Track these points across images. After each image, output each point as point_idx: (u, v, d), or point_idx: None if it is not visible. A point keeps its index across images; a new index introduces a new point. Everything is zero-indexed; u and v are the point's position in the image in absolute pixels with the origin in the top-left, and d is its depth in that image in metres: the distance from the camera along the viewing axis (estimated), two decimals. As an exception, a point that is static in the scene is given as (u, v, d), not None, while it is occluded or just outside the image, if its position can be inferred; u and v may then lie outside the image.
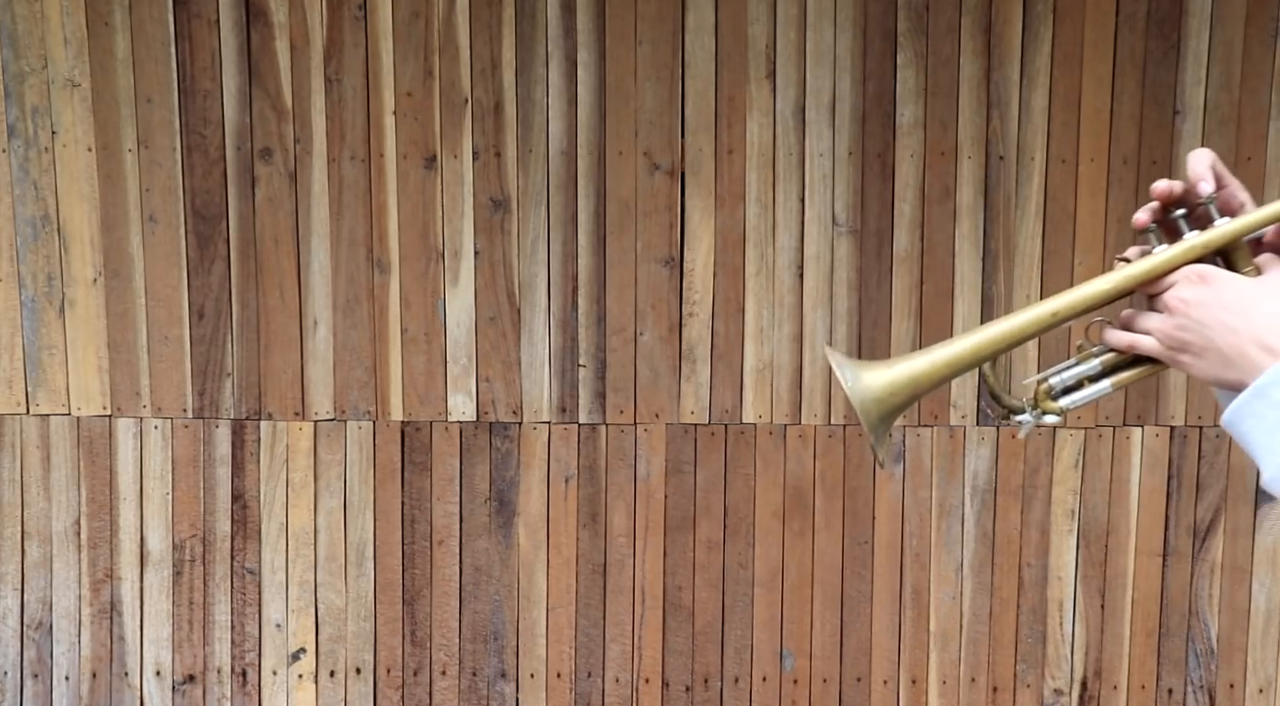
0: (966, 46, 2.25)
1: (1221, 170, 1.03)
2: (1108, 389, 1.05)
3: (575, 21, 2.26)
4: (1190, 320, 0.98)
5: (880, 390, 1.03)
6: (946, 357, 1.04)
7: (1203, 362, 0.96)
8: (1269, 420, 0.92)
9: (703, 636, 2.36)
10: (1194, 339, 0.97)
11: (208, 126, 2.28)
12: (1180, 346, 0.98)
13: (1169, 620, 2.34)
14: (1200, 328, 0.97)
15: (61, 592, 2.37)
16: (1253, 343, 0.94)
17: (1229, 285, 0.97)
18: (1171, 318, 0.99)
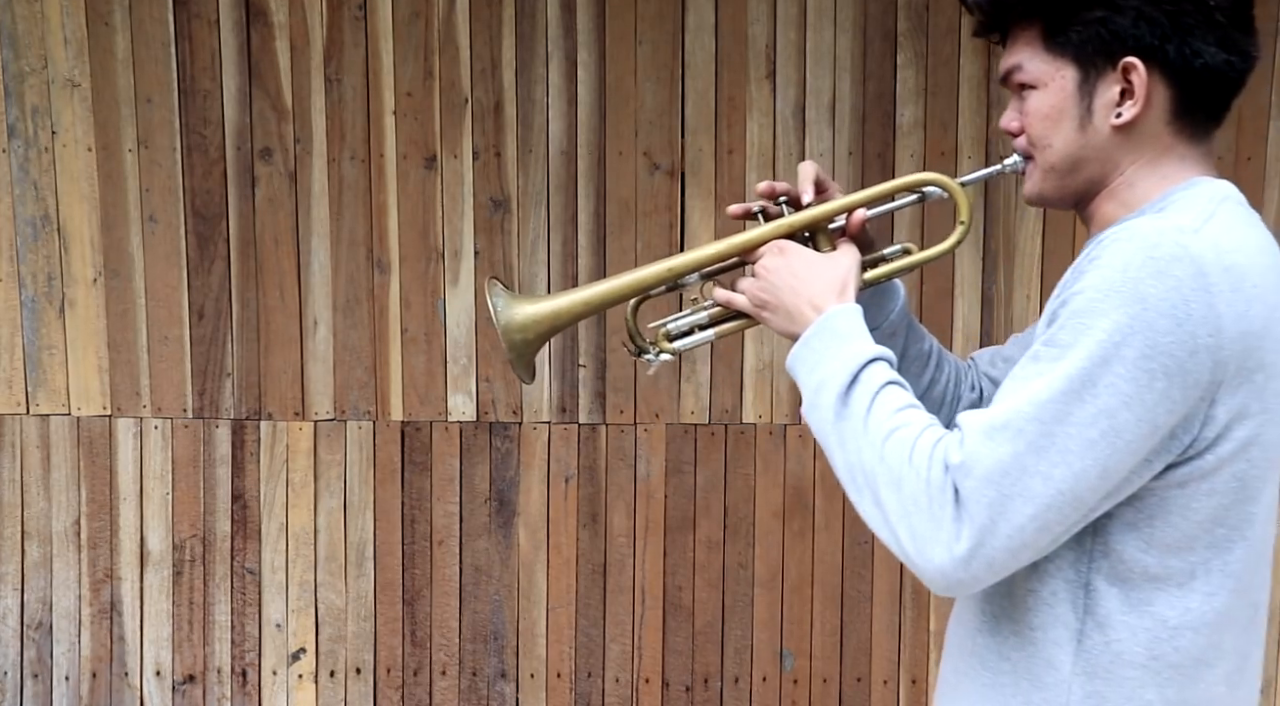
0: (966, 46, 2.25)
1: (823, 177, 1.27)
2: (712, 336, 1.29)
3: (575, 21, 2.26)
4: (768, 283, 1.19)
5: (524, 318, 1.26)
6: (582, 298, 1.27)
7: (777, 318, 1.18)
8: (808, 363, 1.13)
9: (703, 636, 2.37)
10: (770, 298, 1.18)
11: (208, 126, 2.28)
12: (762, 304, 1.19)
13: (1169, 620, 2.34)
14: (774, 289, 1.18)
15: (61, 592, 2.37)
16: (808, 303, 1.16)
17: (800, 256, 1.19)
18: (757, 280, 1.20)
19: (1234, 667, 1.10)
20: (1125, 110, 1.10)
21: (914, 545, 1.01)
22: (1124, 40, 1.08)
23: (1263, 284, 1.01)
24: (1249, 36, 1.13)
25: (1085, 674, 1.07)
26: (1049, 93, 1.13)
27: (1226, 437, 1.01)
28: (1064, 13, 1.10)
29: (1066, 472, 0.98)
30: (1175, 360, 0.97)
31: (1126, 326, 0.97)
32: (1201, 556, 1.05)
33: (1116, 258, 1.00)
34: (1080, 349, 0.98)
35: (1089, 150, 1.13)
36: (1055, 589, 1.08)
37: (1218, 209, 1.05)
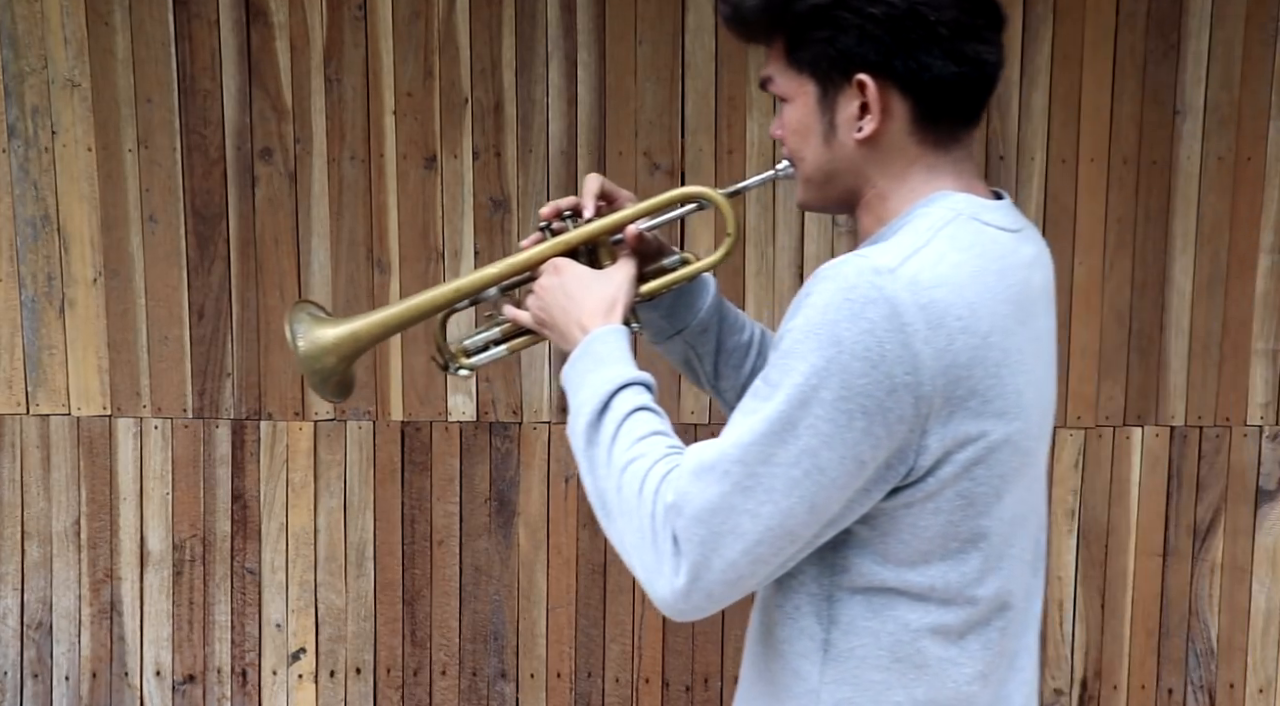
0: (966, 46, 2.25)
1: (611, 189, 1.31)
2: (504, 352, 1.33)
3: (575, 21, 2.26)
4: (544, 302, 1.23)
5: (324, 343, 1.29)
6: (379, 320, 1.31)
7: (555, 335, 1.22)
8: (572, 385, 1.17)
9: (703, 636, 2.36)
10: (546, 317, 1.22)
11: (208, 126, 2.28)
12: (540, 323, 1.24)
13: (1169, 620, 2.34)
14: (548, 308, 1.22)
15: (61, 592, 2.37)
16: (575, 323, 1.20)
17: (572, 274, 1.22)
18: (536, 299, 1.24)
19: (989, 668, 1.13)
20: (865, 125, 1.12)
21: (644, 575, 1.06)
22: (852, 58, 1.10)
23: (969, 314, 1.02)
24: (982, 44, 1.14)
25: (834, 681, 1.11)
26: (796, 107, 1.16)
27: (946, 462, 1.04)
28: (798, 32, 1.13)
29: (774, 510, 1.01)
30: (873, 400, 0.99)
31: (823, 369, 0.99)
32: (938, 569, 1.08)
33: (819, 298, 1.02)
34: (782, 391, 1.01)
35: (838, 163, 1.15)
36: (799, 603, 1.12)
37: (935, 236, 1.06)
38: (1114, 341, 2.29)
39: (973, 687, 1.13)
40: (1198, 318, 2.29)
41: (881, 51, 1.10)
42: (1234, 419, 2.31)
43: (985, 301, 1.05)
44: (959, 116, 1.15)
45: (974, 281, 1.05)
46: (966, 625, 1.11)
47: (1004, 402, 1.06)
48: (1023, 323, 1.10)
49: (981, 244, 1.08)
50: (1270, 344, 2.29)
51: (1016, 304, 1.09)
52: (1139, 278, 2.28)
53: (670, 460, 1.08)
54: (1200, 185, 2.26)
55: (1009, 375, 1.06)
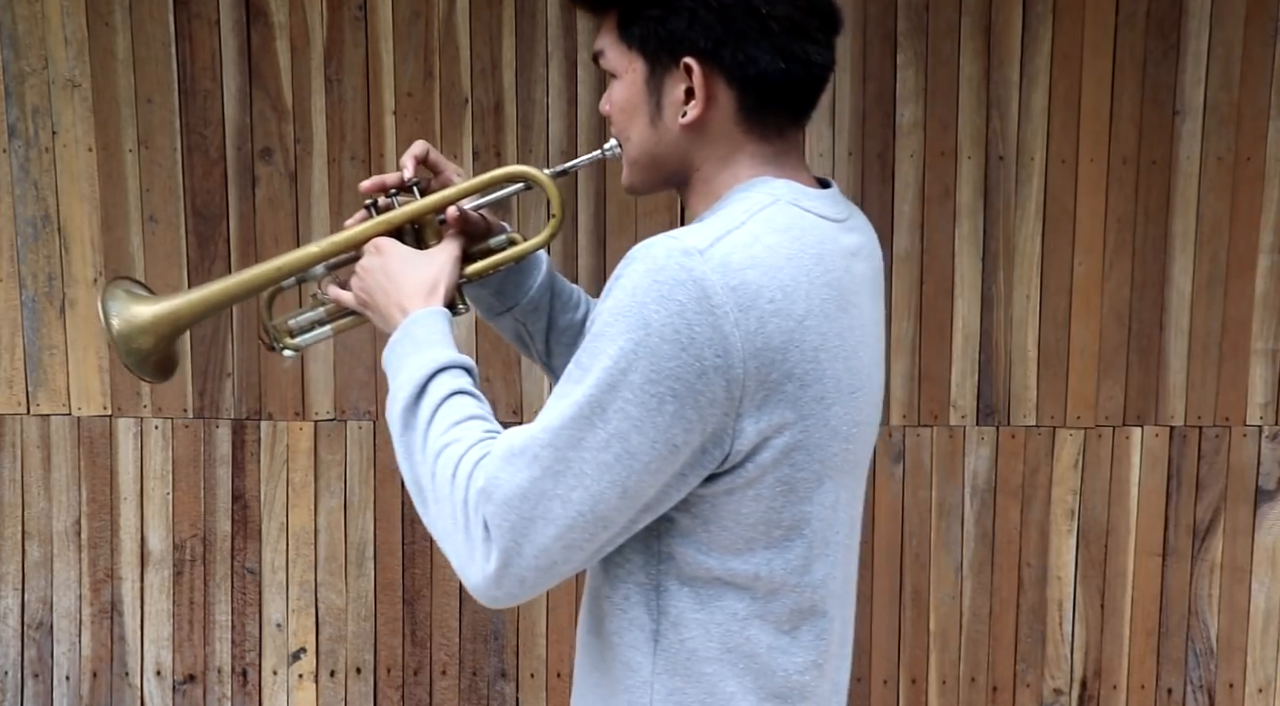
0: (966, 47, 2.26)
1: (436, 159, 1.27)
2: (329, 333, 1.30)
3: (575, 21, 2.26)
4: (366, 283, 1.20)
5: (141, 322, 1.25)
6: (199, 297, 1.26)
7: (376, 317, 1.20)
8: (391, 368, 1.15)
9: (703, 636, 2.36)
10: (367, 298, 1.20)
11: (208, 126, 2.28)
12: (363, 304, 1.21)
13: (1168, 620, 2.34)
14: (370, 290, 1.20)
15: (62, 592, 2.37)
16: (396, 305, 1.18)
17: (395, 255, 1.20)
18: (358, 280, 1.21)
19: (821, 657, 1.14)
20: (690, 110, 1.11)
21: (457, 562, 1.04)
22: (681, 41, 1.09)
23: (782, 297, 1.01)
24: (813, 45, 1.12)
25: (666, 672, 1.10)
26: (625, 84, 1.14)
27: (765, 447, 1.03)
28: (631, 7, 1.11)
29: (585, 495, 1.00)
30: (684, 383, 0.98)
31: (632, 352, 0.98)
32: (762, 557, 1.08)
33: (628, 280, 1.00)
34: (592, 374, 0.99)
35: (663, 146, 1.14)
36: (628, 594, 1.11)
37: (751, 218, 1.05)
38: (1114, 341, 2.29)
39: (805, 677, 1.12)
40: (1197, 318, 2.29)
41: (711, 38, 1.09)
42: (1233, 419, 2.31)
43: (801, 285, 1.03)
44: (785, 111, 1.14)
45: (789, 264, 1.03)
46: (796, 614, 1.11)
47: (823, 388, 1.05)
48: (844, 309, 1.09)
49: (800, 228, 1.07)
50: (1270, 344, 2.29)
51: (837, 289, 1.08)
52: (1139, 277, 2.28)
53: (484, 445, 1.06)
54: (1200, 185, 2.27)
55: (828, 360, 1.05)
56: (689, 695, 1.10)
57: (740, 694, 1.10)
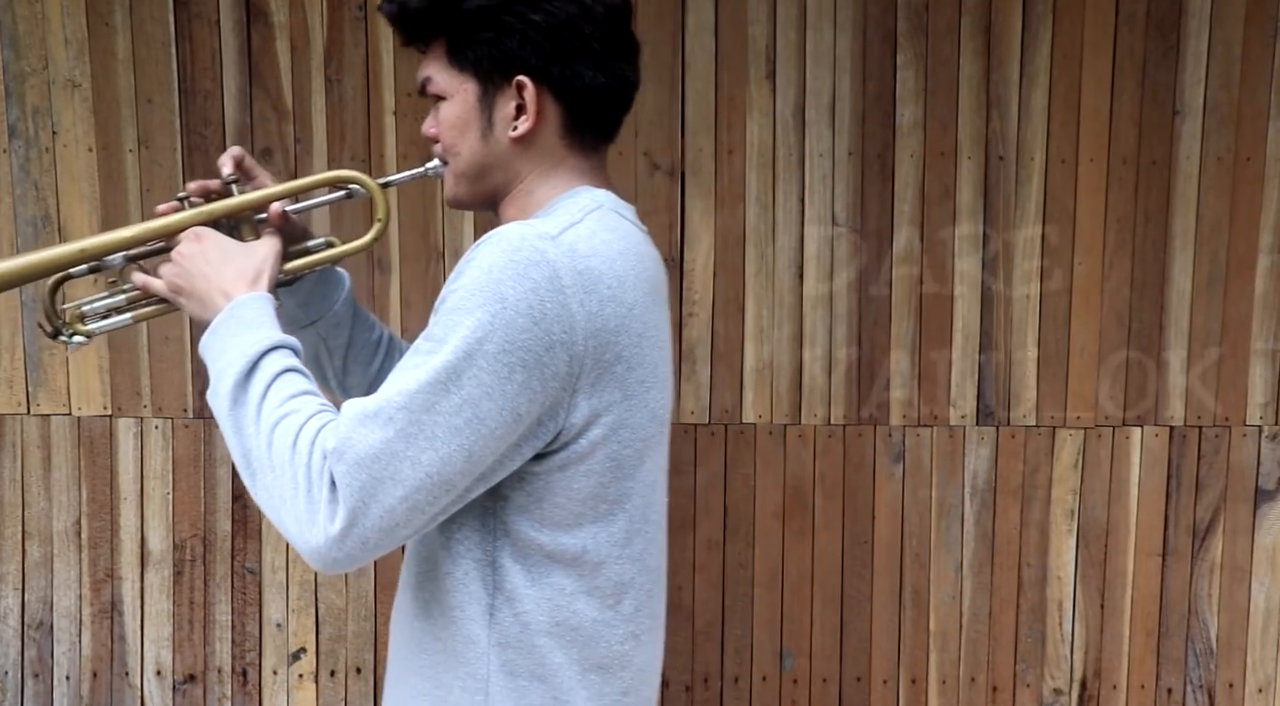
0: (966, 47, 2.26)
1: (251, 165, 1.33)
2: (129, 320, 1.30)
3: (575, 22, 2.26)
4: (183, 269, 1.22)
5: None
6: None
7: (192, 304, 1.22)
8: (215, 350, 1.17)
9: (703, 636, 2.37)
10: (185, 284, 1.22)
11: (208, 126, 2.28)
12: (178, 290, 1.22)
13: (1168, 620, 2.34)
14: (189, 275, 1.21)
15: (62, 592, 2.37)
16: (219, 290, 1.20)
17: (215, 243, 1.23)
18: (173, 266, 1.23)
19: (640, 629, 1.23)
20: (520, 124, 1.22)
21: (296, 526, 1.08)
22: (514, 60, 1.20)
23: (617, 285, 1.13)
24: (626, 63, 1.28)
25: (500, 644, 1.18)
26: (455, 104, 1.23)
27: (596, 423, 1.13)
28: (463, 32, 1.21)
29: (434, 457, 1.06)
30: (533, 354, 1.07)
31: (489, 323, 1.06)
32: (589, 531, 1.17)
33: (484, 259, 1.09)
34: (449, 344, 1.07)
35: (492, 159, 1.24)
36: (467, 569, 1.18)
37: (586, 216, 1.17)
38: (1114, 341, 2.30)
39: (625, 647, 1.22)
40: (1197, 317, 2.29)
41: (541, 57, 1.20)
42: (1233, 419, 2.31)
43: (630, 278, 1.15)
44: (601, 127, 1.28)
45: (620, 259, 1.15)
46: (619, 587, 1.20)
47: (644, 371, 1.17)
48: (657, 305, 1.22)
49: (623, 230, 1.20)
50: (1270, 344, 2.30)
51: (651, 286, 1.20)
52: (1138, 277, 2.28)
53: (325, 415, 1.12)
54: (1200, 185, 2.27)
55: (649, 347, 1.17)
56: (520, 666, 1.18)
57: (567, 664, 1.18)
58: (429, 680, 1.21)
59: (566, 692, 1.19)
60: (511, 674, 1.18)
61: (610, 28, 1.24)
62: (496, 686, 1.18)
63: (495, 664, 1.18)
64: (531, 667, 1.18)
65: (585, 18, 1.21)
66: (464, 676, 1.18)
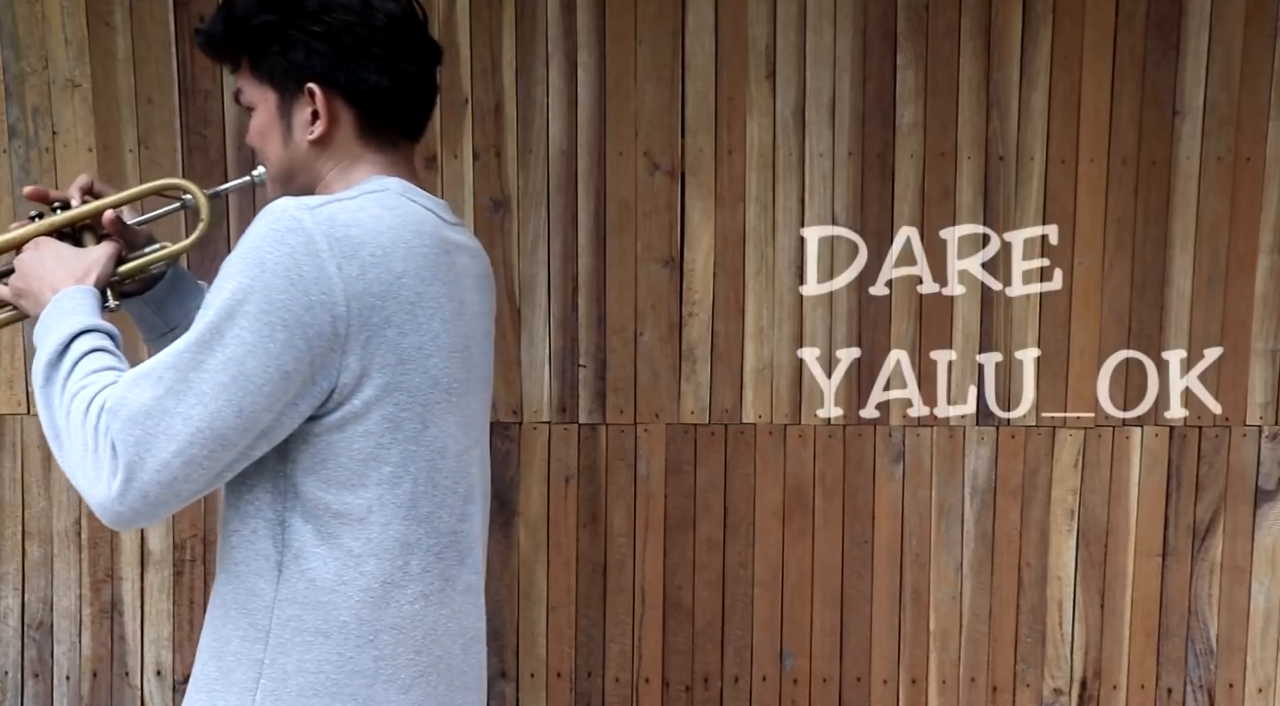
0: (966, 47, 2.26)
1: (100, 188, 1.46)
2: None
3: (575, 21, 2.26)
4: (22, 274, 1.36)
5: None
6: None
7: (28, 303, 1.36)
8: (38, 336, 1.30)
9: (703, 636, 2.37)
10: (24, 287, 1.36)
11: (208, 126, 2.28)
12: (19, 293, 1.37)
13: (1168, 620, 2.34)
14: (27, 278, 1.35)
15: (62, 592, 2.37)
16: (49, 287, 1.33)
17: (52, 249, 1.37)
18: (16, 273, 1.37)
19: (430, 589, 1.30)
20: (316, 128, 1.32)
21: (87, 484, 1.17)
22: (302, 69, 1.31)
23: (381, 254, 1.21)
24: (412, 64, 1.35)
25: (286, 600, 1.24)
26: (261, 114, 1.35)
27: (367, 384, 1.21)
28: (257, 48, 1.32)
29: (203, 413, 1.15)
30: (293, 314, 1.16)
31: (248, 286, 1.16)
32: (375, 493, 1.24)
33: (253, 230, 1.20)
34: (213, 308, 1.17)
35: (295, 162, 1.35)
36: (256, 528, 1.25)
37: (361, 195, 1.26)
38: (1114, 341, 2.30)
39: (415, 607, 1.29)
40: (1197, 317, 2.29)
41: (326, 64, 1.31)
42: (1233, 419, 2.31)
43: (399, 249, 1.23)
44: (399, 126, 1.37)
45: (390, 232, 1.23)
46: (405, 548, 1.27)
47: (420, 338, 1.24)
48: (444, 281, 1.28)
49: (403, 209, 1.28)
50: (1270, 344, 2.30)
51: (434, 263, 1.27)
52: (1138, 277, 2.28)
53: (117, 387, 1.20)
54: (1200, 185, 2.27)
55: (425, 317, 1.24)
56: (307, 623, 1.24)
57: (354, 623, 1.25)
58: (210, 633, 1.29)
59: (353, 650, 1.25)
60: (297, 629, 1.24)
61: (392, 33, 1.33)
62: (277, 639, 1.24)
63: (280, 618, 1.24)
64: (318, 624, 1.24)
65: (364, 25, 1.31)
66: (244, 627, 1.25)
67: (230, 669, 1.25)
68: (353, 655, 1.25)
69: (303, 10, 1.30)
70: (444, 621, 1.32)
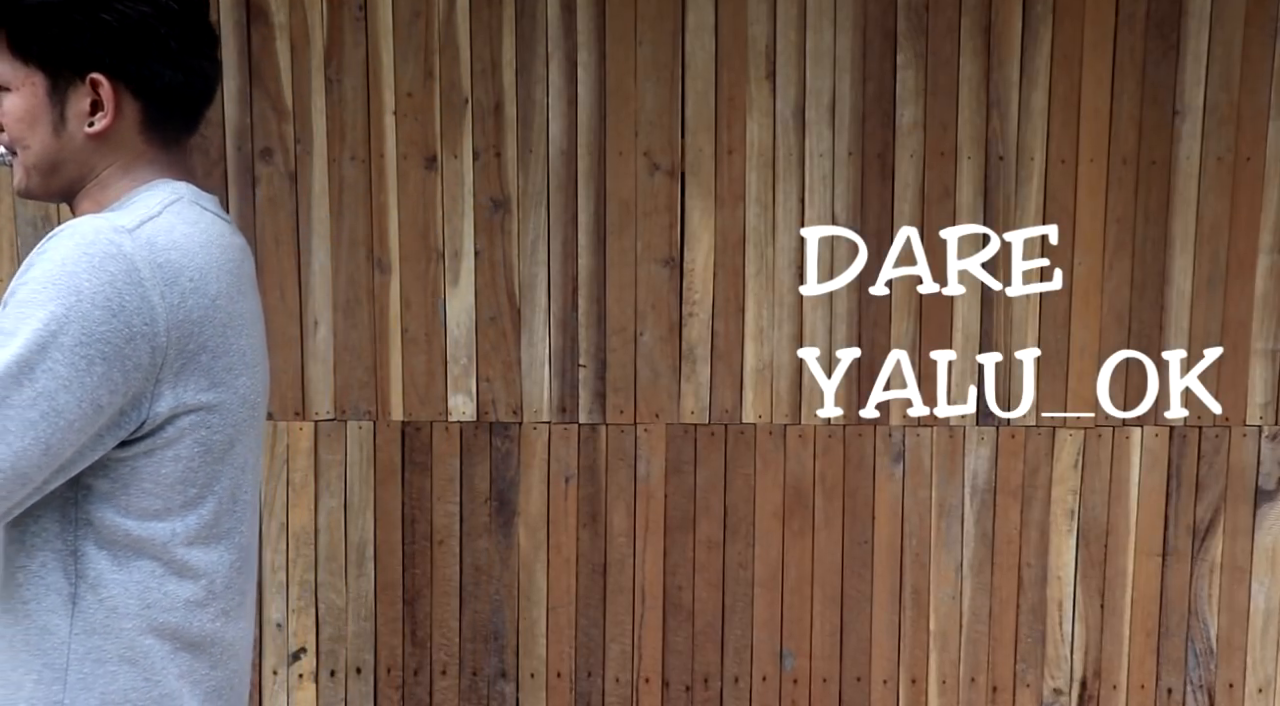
0: (966, 46, 2.26)
1: None
2: None
3: (575, 21, 2.26)
4: None
5: None
6: None
7: None
8: None
9: (703, 636, 2.37)
10: None
11: (208, 126, 2.28)
12: None
13: (1168, 620, 2.34)
14: None
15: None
16: None
17: None
18: None
19: (230, 605, 1.27)
20: (97, 121, 1.22)
21: None
22: (85, 58, 1.20)
23: (199, 278, 1.16)
24: (204, 58, 1.29)
25: (84, 632, 1.17)
26: (23, 97, 1.21)
27: (181, 411, 1.15)
28: (25, 26, 1.19)
29: (7, 451, 1.05)
30: (113, 346, 1.08)
31: (63, 316, 1.06)
32: (178, 515, 1.19)
33: (57, 252, 1.09)
34: (20, 338, 1.06)
35: (65, 153, 1.23)
36: (45, 561, 1.16)
37: (164, 210, 1.18)
38: (1114, 341, 2.30)
39: (216, 624, 1.25)
40: (1197, 317, 2.29)
41: (115, 56, 1.20)
42: (1233, 419, 2.31)
43: (213, 269, 1.18)
44: (182, 121, 1.28)
45: (202, 251, 1.18)
46: (209, 566, 1.23)
47: (231, 360, 1.20)
48: (242, 294, 1.25)
49: (204, 223, 1.22)
50: (1270, 344, 2.30)
51: (235, 277, 1.23)
52: (1138, 277, 2.28)
53: None
54: (1200, 185, 2.27)
55: (234, 336, 1.21)
56: (108, 651, 1.18)
57: (158, 645, 1.20)
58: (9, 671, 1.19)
59: (158, 672, 1.20)
60: (98, 660, 1.17)
61: (186, 25, 1.25)
62: (76, 675, 1.17)
63: (78, 652, 1.17)
64: (120, 651, 1.18)
65: (160, 17, 1.22)
66: (39, 668, 1.16)
67: None
68: (159, 678, 1.20)
69: None
70: (239, 637, 1.30)
